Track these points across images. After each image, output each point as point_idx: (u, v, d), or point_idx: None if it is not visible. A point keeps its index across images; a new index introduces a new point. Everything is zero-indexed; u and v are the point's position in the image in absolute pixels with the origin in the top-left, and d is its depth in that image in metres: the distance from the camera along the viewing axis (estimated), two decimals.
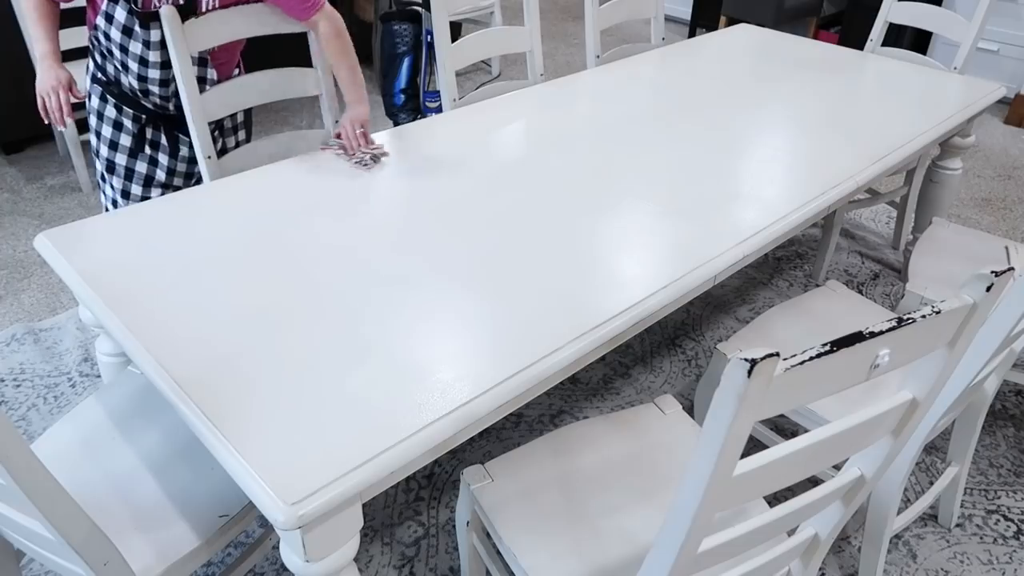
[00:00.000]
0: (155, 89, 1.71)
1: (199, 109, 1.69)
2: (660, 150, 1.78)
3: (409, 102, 3.32)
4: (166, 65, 1.67)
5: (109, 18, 1.59)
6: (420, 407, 1.02)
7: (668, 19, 5.36)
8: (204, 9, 1.64)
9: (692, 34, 5.12)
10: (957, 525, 1.74)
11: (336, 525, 0.94)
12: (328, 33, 1.73)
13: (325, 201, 1.52)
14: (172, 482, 1.22)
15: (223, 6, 1.67)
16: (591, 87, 2.17)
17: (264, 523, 1.64)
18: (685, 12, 5.26)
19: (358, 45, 1.86)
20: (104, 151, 1.78)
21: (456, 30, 3.93)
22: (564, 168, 1.68)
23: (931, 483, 1.84)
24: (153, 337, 1.14)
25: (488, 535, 1.28)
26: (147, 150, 1.78)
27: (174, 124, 1.79)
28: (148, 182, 1.81)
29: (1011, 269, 0.80)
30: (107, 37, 1.63)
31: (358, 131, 1.68)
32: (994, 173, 3.41)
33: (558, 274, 1.31)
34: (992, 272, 0.79)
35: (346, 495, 0.91)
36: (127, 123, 1.75)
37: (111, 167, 1.78)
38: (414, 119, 2.55)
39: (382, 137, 1.81)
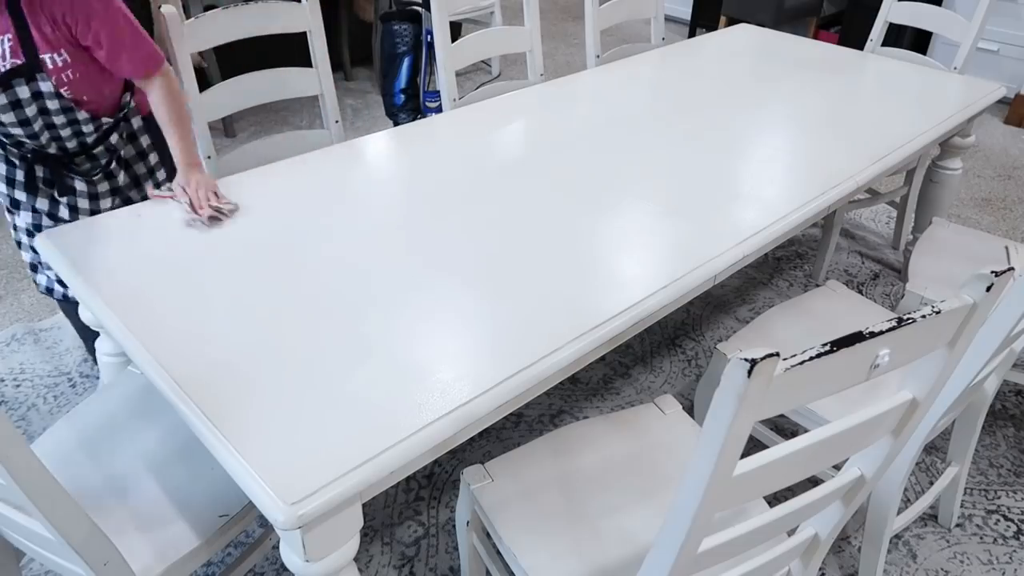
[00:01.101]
0: (17, 131, 1.55)
1: (198, 109, 1.69)
2: (660, 150, 1.78)
3: (409, 102, 3.33)
4: (15, 105, 1.50)
5: None
6: (420, 407, 1.02)
7: (668, 19, 5.36)
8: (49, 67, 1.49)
9: (692, 34, 5.12)
10: (957, 525, 1.74)
11: (336, 525, 0.94)
12: (162, 95, 1.58)
13: (324, 201, 1.52)
14: (172, 482, 1.22)
15: (62, 71, 1.50)
16: (591, 87, 2.17)
17: (264, 523, 1.64)
18: (685, 12, 5.26)
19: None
20: (2, 187, 1.66)
21: (456, 30, 3.94)
22: (564, 168, 1.68)
23: (931, 483, 1.84)
24: (153, 337, 1.14)
25: (488, 535, 1.28)
26: (43, 187, 1.66)
27: (60, 164, 1.64)
28: (56, 219, 1.68)
29: (1011, 269, 0.80)
30: None
31: (208, 194, 1.50)
32: (994, 173, 3.41)
33: (558, 274, 1.31)
34: (992, 272, 0.79)
35: (346, 495, 0.91)
36: (15, 160, 1.63)
37: (15, 203, 1.67)
38: (414, 119, 2.55)
39: (381, 138, 1.81)
